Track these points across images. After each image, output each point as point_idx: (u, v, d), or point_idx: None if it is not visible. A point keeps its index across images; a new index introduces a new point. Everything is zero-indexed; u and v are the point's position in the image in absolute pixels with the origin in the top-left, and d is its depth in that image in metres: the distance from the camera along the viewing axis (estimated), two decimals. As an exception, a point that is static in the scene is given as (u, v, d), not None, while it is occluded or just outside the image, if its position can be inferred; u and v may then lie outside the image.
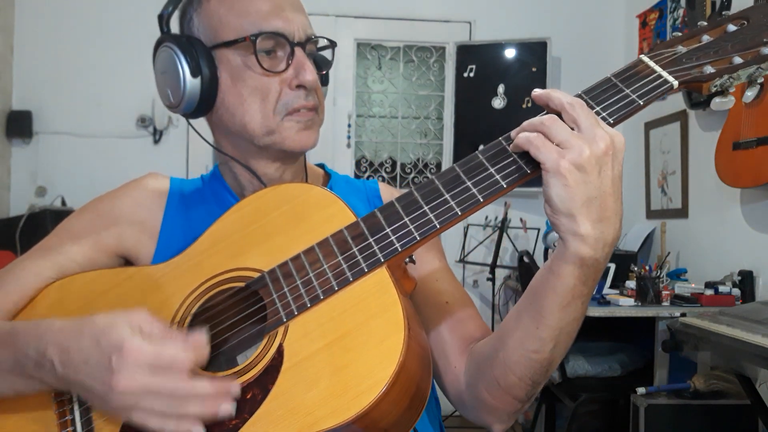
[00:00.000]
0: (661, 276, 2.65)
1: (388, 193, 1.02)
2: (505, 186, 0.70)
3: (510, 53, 3.75)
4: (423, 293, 0.89)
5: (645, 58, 0.74)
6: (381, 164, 3.95)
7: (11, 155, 3.64)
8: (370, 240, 0.72)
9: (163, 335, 0.68)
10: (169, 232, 0.91)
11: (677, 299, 2.63)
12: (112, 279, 0.83)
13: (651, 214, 3.47)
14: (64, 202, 3.51)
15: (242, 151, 0.91)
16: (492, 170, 0.71)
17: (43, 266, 0.86)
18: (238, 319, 0.76)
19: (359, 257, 0.71)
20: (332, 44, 0.95)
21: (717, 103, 0.75)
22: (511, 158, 0.71)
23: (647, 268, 2.66)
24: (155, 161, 3.60)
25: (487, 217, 3.69)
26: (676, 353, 2.46)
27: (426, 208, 0.72)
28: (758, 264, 2.61)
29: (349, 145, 3.88)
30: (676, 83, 0.72)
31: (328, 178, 1.03)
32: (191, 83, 0.86)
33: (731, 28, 0.75)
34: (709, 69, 0.72)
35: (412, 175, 3.95)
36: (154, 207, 0.93)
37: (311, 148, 0.90)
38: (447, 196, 0.72)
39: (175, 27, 0.92)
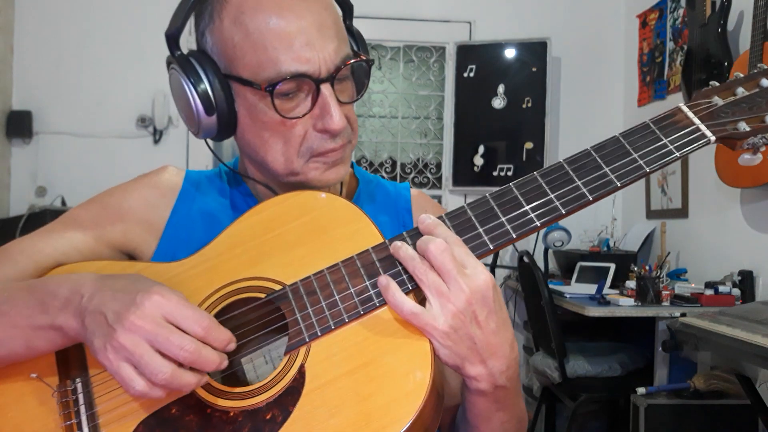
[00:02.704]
0: (661, 276, 2.66)
1: (421, 204, 0.95)
2: (515, 236, 0.71)
3: (510, 53, 3.75)
4: None
5: (684, 108, 0.73)
6: (381, 164, 3.95)
7: (11, 155, 3.64)
8: (399, 267, 0.70)
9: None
10: (173, 231, 0.88)
11: (677, 299, 2.63)
12: (120, 272, 0.80)
13: (651, 214, 3.47)
14: (64, 202, 3.51)
15: (265, 174, 0.87)
16: (528, 207, 0.71)
17: (43, 247, 0.84)
18: (252, 329, 0.74)
19: None
20: (369, 62, 0.83)
21: (745, 159, 0.75)
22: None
23: (647, 268, 2.66)
24: (155, 161, 3.58)
25: (487, 217, 3.69)
26: (676, 353, 2.46)
27: None
28: (758, 264, 2.61)
29: (349, 145, 3.88)
30: (713, 138, 0.71)
31: (356, 182, 0.96)
32: (206, 120, 0.80)
33: (765, 82, 0.74)
34: (743, 126, 0.72)
35: (412, 175, 3.95)
36: (163, 206, 0.89)
37: (339, 181, 0.84)
38: (480, 230, 0.71)
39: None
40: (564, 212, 0.70)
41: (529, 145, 3.70)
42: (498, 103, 3.76)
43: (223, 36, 0.79)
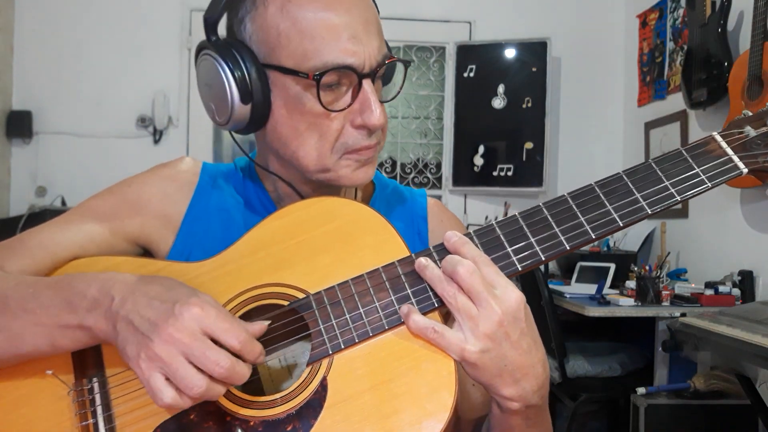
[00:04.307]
0: (661, 276, 2.65)
1: (437, 213, 0.94)
2: (543, 258, 0.71)
3: (510, 53, 3.75)
4: None
5: (717, 138, 0.73)
6: (381, 164, 3.95)
7: (11, 155, 3.64)
8: (426, 283, 0.70)
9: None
10: (189, 226, 0.86)
11: (677, 299, 2.63)
12: (137, 270, 0.78)
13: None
14: (64, 202, 3.51)
15: (289, 171, 0.85)
16: (558, 230, 0.71)
17: (60, 239, 0.82)
18: (274, 337, 0.73)
19: (413, 300, 0.69)
20: (407, 64, 0.84)
21: None
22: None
23: (647, 268, 2.66)
24: (155, 161, 3.56)
25: (487, 217, 3.69)
26: (676, 353, 2.46)
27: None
28: (758, 264, 2.61)
29: (349, 145, 3.87)
30: (746, 170, 0.72)
31: (372, 187, 0.95)
32: (241, 109, 0.78)
33: None
34: None
35: (412, 175, 3.95)
36: (181, 199, 0.87)
37: (367, 182, 0.82)
38: (509, 249, 0.70)
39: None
40: (594, 237, 0.70)
41: (529, 145, 3.70)
42: (498, 103, 3.76)
43: (266, 23, 0.77)
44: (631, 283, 2.76)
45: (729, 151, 0.72)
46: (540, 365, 0.69)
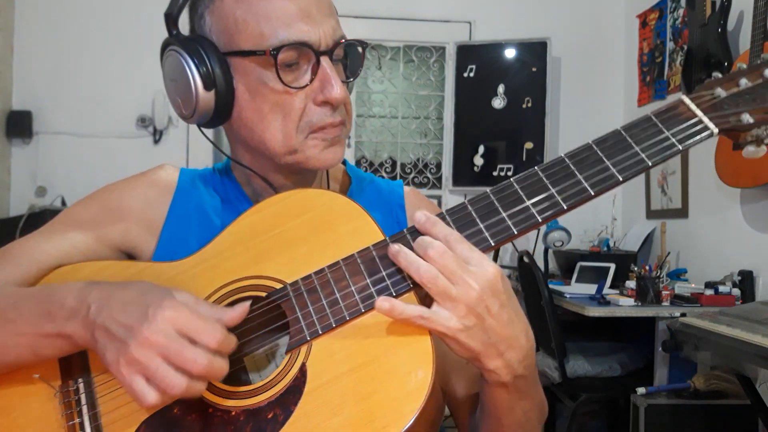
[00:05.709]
0: (661, 276, 2.65)
1: (413, 201, 0.96)
2: (516, 231, 0.70)
3: (510, 53, 3.75)
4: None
5: (686, 100, 0.72)
6: (381, 164, 3.95)
7: (11, 155, 3.64)
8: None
9: (210, 311, 0.68)
10: (171, 229, 0.88)
11: (677, 299, 2.63)
12: (121, 272, 0.80)
13: (651, 214, 3.47)
14: (64, 202, 3.51)
15: (260, 162, 0.86)
16: (529, 203, 0.70)
17: (46, 248, 0.84)
18: (254, 327, 0.74)
19: (388, 282, 0.69)
20: (363, 45, 0.86)
21: (750, 152, 0.74)
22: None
23: (647, 268, 2.66)
24: (155, 161, 3.55)
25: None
26: (676, 353, 2.46)
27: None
28: (758, 264, 2.61)
29: (349, 145, 3.88)
30: (716, 130, 0.70)
31: (349, 180, 0.96)
32: (204, 97, 0.80)
33: None
34: (747, 118, 0.70)
35: (412, 175, 3.95)
36: (161, 204, 0.89)
37: (336, 165, 0.85)
38: (481, 226, 0.70)
39: (184, 17, 0.86)
40: (565, 207, 0.70)
41: (529, 145, 3.70)
42: (498, 103, 3.76)
43: (224, 12, 0.80)
44: (631, 283, 2.76)
45: (698, 112, 0.71)
46: (523, 335, 0.69)
